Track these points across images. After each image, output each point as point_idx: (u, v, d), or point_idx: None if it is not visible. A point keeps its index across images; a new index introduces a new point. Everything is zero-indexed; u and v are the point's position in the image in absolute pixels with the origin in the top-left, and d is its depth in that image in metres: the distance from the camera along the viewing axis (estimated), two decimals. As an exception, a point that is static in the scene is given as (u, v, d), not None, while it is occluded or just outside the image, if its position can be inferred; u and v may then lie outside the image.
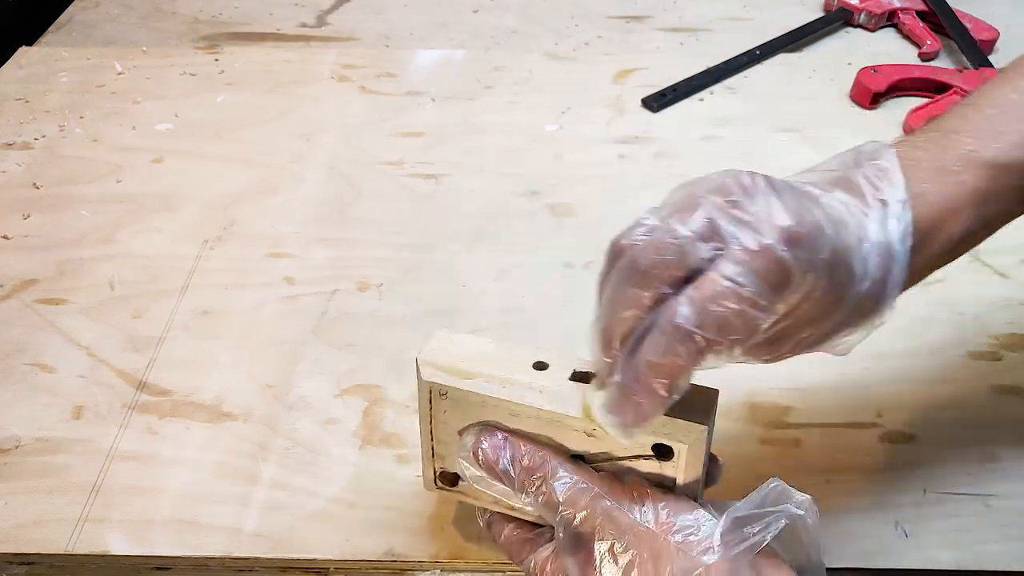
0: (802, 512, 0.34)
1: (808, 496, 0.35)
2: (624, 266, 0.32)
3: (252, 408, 0.54)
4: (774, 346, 0.35)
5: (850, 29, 0.95)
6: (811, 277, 0.32)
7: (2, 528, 0.47)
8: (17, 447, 0.51)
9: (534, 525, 0.40)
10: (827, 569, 0.38)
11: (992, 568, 0.46)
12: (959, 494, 0.49)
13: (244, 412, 0.53)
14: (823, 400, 0.54)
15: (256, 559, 0.46)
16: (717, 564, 0.33)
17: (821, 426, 0.53)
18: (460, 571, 0.46)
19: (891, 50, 0.91)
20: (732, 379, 0.55)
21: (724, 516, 0.34)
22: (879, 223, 0.35)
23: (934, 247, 0.37)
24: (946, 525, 0.47)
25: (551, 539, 0.38)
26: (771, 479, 0.35)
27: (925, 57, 0.89)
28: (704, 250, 0.31)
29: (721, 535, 0.34)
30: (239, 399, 0.54)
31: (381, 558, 0.46)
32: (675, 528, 0.35)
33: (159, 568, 0.47)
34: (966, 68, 0.85)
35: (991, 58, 0.87)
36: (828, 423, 0.53)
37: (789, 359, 0.37)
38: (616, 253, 0.33)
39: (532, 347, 0.40)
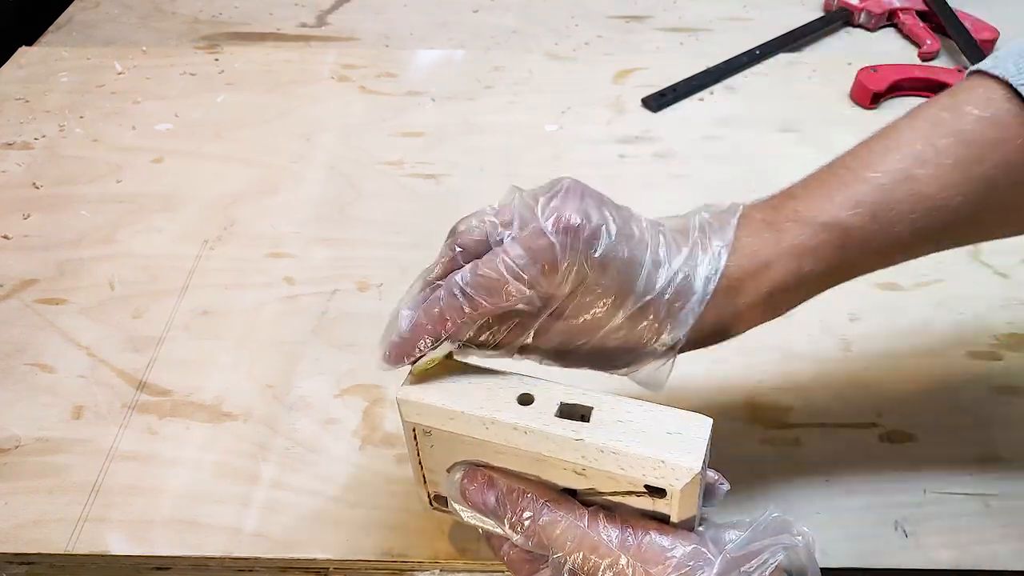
0: (799, 542, 0.35)
1: (806, 529, 0.35)
2: (449, 239, 0.39)
3: (252, 408, 0.54)
4: (558, 342, 0.39)
5: (850, 29, 0.95)
6: (582, 269, 0.36)
7: (2, 528, 0.47)
8: (17, 447, 0.51)
9: None
10: (828, 569, 0.38)
11: (992, 568, 0.46)
12: (959, 494, 0.49)
13: (244, 412, 0.53)
14: (823, 400, 0.54)
15: (256, 559, 0.46)
16: None
17: (821, 426, 0.53)
18: (460, 571, 0.46)
19: (891, 50, 0.91)
20: (732, 379, 0.56)
21: (720, 559, 0.34)
22: (688, 259, 0.38)
23: (747, 296, 0.39)
24: (946, 525, 0.48)
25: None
26: (769, 510, 0.35)
27: (925, 57, 0.89)
28: (502, 232, 0.37)
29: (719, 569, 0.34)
30: (239, 399, 0.54)
31: (381, 558, 0.46)
32: (671, 569, 0.34)
33: (159, 568, 0.47)
34: (966, 68, 0.85)
35: (991, 58, 0.87)
36: (828, 423, 0.53)
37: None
38: (452, 232, 0.40)
39: (517, 376, 0.38)
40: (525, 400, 0.37)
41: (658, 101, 0.81)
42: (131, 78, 0.84)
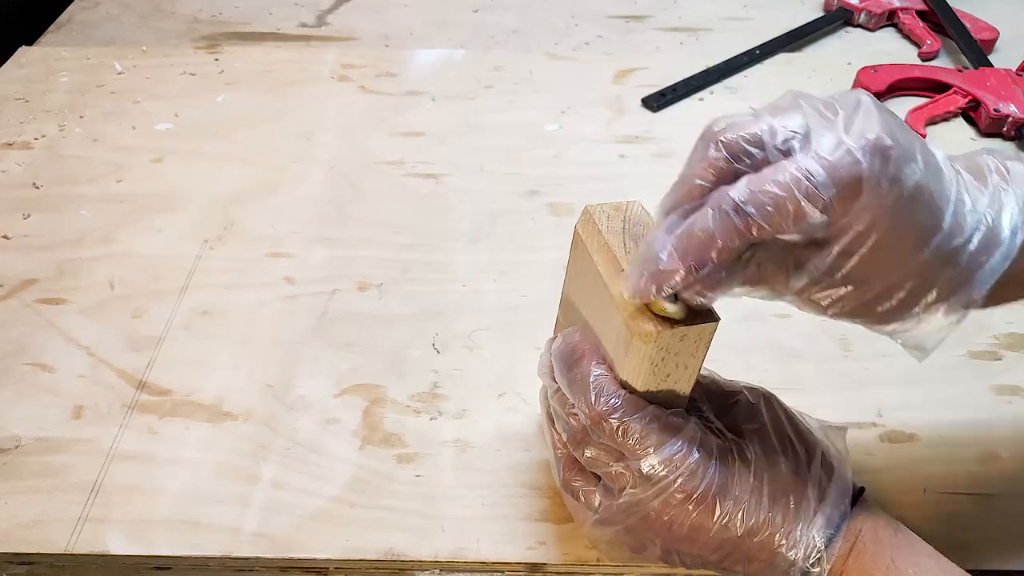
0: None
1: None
2: (705, 134, 0.33)
3: (252, 408, 0.54)
4: (836, 285, 0.33)
5: (850, 29, 0.95)
6: (885, 198, 0.30)
7: (2, 528, 0.47)
8: (17, 447, 0.51)
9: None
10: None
11: (992, 568, 0.46)
12: (959, 494, 0.49)
13: (244, 412, 0.53)
14: (823, 399, 0.54)
15: (256, 559, 0.46)
16: None
17: (821, 426, 0.53)
18: (460, 571, 0.46)
19: (891, 50, 0.91)
20: (732, 377, 0.55)
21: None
22: (992, 203, 0.33)
23: None
24: (946, 525, 0.48)
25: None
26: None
27: (925, 57, 0.89)
28: (784, 139, 0.31)
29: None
30: (239, 399, 0.54)
31: (381, 558, 0.46)
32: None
33: (159, 568, 0.47)
34: (966, 68, 0.85)
35: (991, 58, 0.87)
36: (828, 423, 0.53)
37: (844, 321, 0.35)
38: (704, 136, 0.34)
39: None
40: None
41: (658, 101, 0.81)
42: (131, 78, 0.84)
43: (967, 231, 0.32)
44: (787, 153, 0.31)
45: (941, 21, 0.91)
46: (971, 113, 0.79)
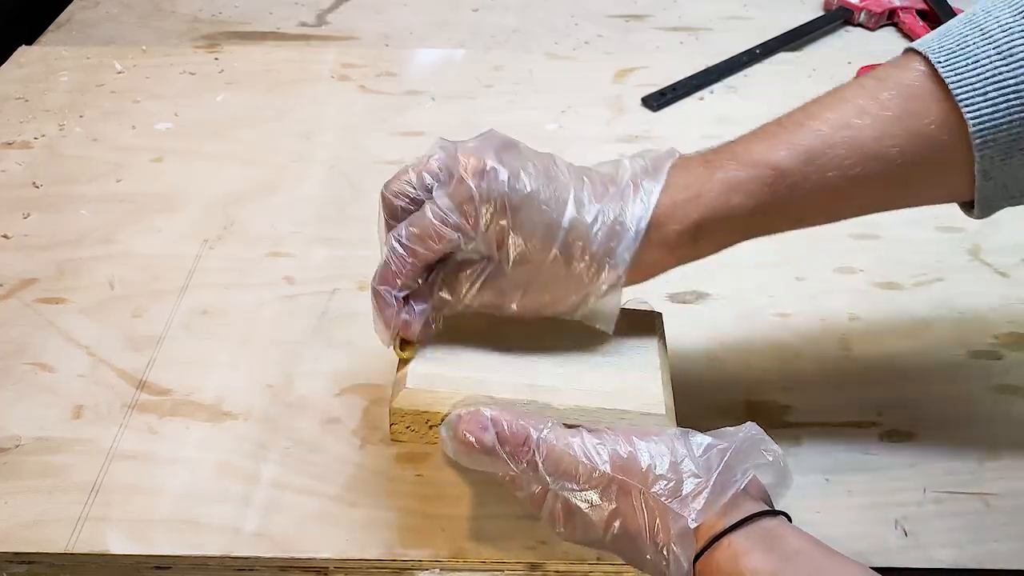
0: (770, 458, 0.39)
1: (776, 447, 0.40)
2: (383, 209, 0.43)
3: (252, 408, 0.54)
4: (506, 293, 0.42)
5: (850, 28, 0.95)
6: (503, 209, 0.39)
7: (2, 528, 0.47)
8: (17, 447, 0.51)
9: None
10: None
11: (992, 567, 0.46)
12: (959, 493, 0.49)
13: (244, 412, 0.53)
14: (823, 399, 0.54)
15: (256, 559, 0.46)
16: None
17: (821, 425, 0.53)
18: (460, 571, 0.46)
19: (891, 49, 0.91)
20: (731, 378, 0.56)
21: (711, 480, 0.38)
22: (617, 200, 0.40)
23: (676, 224, 0.40)
24: (946, 525, 0.48)
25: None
26: (747, 425, 0.40)
27: (925, 56, 0.89)
28: (431, 183, 0.41)
29: (707, 496, 0.37)
30: (239, 399, 0.54)
31: (381, 557, 0.46)
32: (658, 473, 0.38)
33: (159, 567, 0.47)
34: (966, 67, 0.85)
35: (991, 57, 0.87)
36: (828, 422, 0.53)
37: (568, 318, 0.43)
38: (381, 199, 0.43)
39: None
40: None
41: (658, 100, 0.81)
42: (131, 77, 0.84)
43: (590, 224, 0.40)
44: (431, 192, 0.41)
45: (941, 20, 0.91)
46: (971, 112, 0.79)
